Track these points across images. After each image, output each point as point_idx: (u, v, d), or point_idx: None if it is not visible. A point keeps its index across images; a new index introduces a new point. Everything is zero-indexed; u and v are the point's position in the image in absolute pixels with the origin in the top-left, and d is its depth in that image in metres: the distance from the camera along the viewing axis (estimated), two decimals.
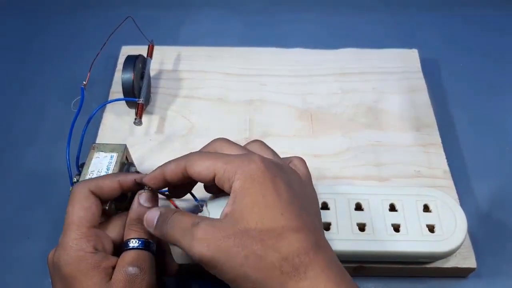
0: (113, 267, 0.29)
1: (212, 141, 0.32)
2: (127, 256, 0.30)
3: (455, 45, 0.58)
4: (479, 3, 0.62)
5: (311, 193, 0.32)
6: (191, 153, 0.31)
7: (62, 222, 0.40)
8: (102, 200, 0.32)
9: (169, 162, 0.31)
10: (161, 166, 0.31)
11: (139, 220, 0.31)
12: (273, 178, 0.28)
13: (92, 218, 0.30)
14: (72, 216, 0.30)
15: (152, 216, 0.30)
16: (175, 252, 0.33)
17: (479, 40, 0.58)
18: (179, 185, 0.32)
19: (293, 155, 0.34)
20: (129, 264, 0.29)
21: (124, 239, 0.31)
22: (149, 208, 0.31)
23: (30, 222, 0.42)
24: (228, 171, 0.28)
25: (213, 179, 0.29)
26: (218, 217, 0.28)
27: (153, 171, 0.31)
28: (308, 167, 0.32)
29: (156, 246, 0.32)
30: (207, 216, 0.31)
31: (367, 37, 0.58)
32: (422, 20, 0.61)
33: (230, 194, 0.28)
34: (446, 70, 0.55)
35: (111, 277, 0.29)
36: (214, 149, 0.32)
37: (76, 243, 0.29)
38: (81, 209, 0.30)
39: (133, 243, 0.30)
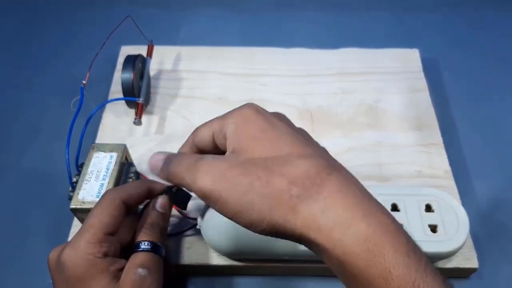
0: (120, 269, 0.29)
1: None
2: (137, 257, 0.30)
3: (456, 45, 0.57)
4: (480, 3, 0.62)
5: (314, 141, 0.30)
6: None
7: (62, 222, 0.40)
8: (128, 207, 0.32)
9: (181, 146, 0.31)
10: (179, 151, 0.31)
11: (152, 224, 0.32)
12: (269, 118, 0.27)
13: (113, 227, 0.30)
14: (95, 218, 0.30)
15: (157, 158, 0.30)
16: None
17: (480, 40, 0.58)
18: None
19: None
20: (139, 266, 0.29)
21: (136, 240, 0.31)
22: (163, 213, 0.32)
23: (30, 222, 0.42)
24: (222, 124, 0.28)
25: (214, 141, 0.29)
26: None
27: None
28: None
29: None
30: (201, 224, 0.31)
31: (368, 37, 0.58)
32: (423, 20, 0.61)
33: (227, 142, 0.27)
34: (447, 70, 0.55)
35: (119, 279, 0.29)
36: None
37: (89, 246, 0.29)
38: (107, 215, 0.30)
39: (144, 245, 0.31)
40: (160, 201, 0.33)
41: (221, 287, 0.39)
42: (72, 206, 0.35)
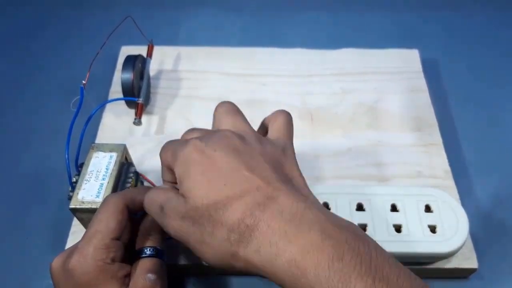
0: (126, 275, 0.29)
1: (183, 134, 0.33)
2: (145, 263, 0.30)
3: (456, 45, 0.57)
4: (480, 3, 0.62)
5: (276, 150, 0.30)
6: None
7: (61, 222, 0.40)
8: (131, 212, 0.32)
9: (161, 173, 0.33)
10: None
11: (154, 229, 0.32)
12: (210, 154, 0.27)
13: (119, 232, 0.30)
14: (100, 224, 0.30)
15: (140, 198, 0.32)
16: None
17: (480, 39, 0.58)
18: None
19: (276, 110, 0.34)
20: (148, 271, 0.30)
21: (138, 246, 0.31)
22: None
23: (29, 222, 0.42)
24: (172, 160, 0.29)
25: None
26: None
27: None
28: (309, 167, 0.32)
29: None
30: None
31: (368, 37, 0.58)
32: (423, 20, 0.61)
33: (177, 181, 0.29)
34: (447, 70, 0.55)
35: (127, 285, 0.29)
36: (183, 137, 0.33)
37: (97, 252, 0.29)
38: (113, 220, 0.30)
39: (149, 251, 0.31)
40: None
41: (220, 287, 0.39)
42: (72, 206, 0.35)
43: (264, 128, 0.34)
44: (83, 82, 0.37)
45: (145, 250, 0.31)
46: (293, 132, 0.33)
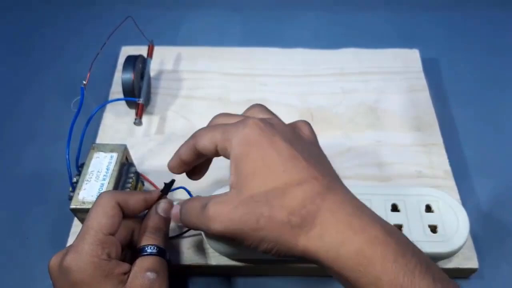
0: (125, 273, 0.29)
1: (213, 117, 0.33)
2: (144, 261, 0.30)
3: (456, 44, 0.57)
4: (480, 3, 0.62)
5: (317, 150, 0.32)
6: (198, 130, 0.32)
7: (62, 223, 0.40)
8: (124, 214, 0.32)
9: (182, 145, 0.32)
10: (176, 152, 0.33)
11: (156, 228, 0.32)
12: (270, 138, 0.28)
13: (112, 227, 0.30)
14: (92, 220, 0.30)
15: (176, 211, 0.32)
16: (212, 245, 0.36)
17: (480, 39, 0.58)
18: (198, 165, 0.34)
19: (298, 120, 0.34)
20: (148, 270, 0.29)
21: (140, 245, 0.31)
22: (165, 218, 0.33)
23: (30, 222, 0.42)
24: (225, 139, 0.29)
25: (217, 151, 0.30)
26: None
27: (171, 159, 0.33)
28: None
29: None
30: None
31: (368, 37, 0.58)
32: (423, 20, 0.61)
33: (231, 162, 0.29)
34: (447, 70, 0.55)
35: (125, 283, 0.29)
36: (217, 122, 0.32)
37: (92, 248, 0.29)
38: (104, 216, 0.30)
39: (150, 249, 0.31)
40: (163, 206, 0.33)
41: (221, 287, 0.39)
42: (72, 206, 0.35)
43: None
44: (84, 82, 0.37)
45: (146, 248, 0.31)
46: None
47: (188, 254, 0.37)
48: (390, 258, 0.24)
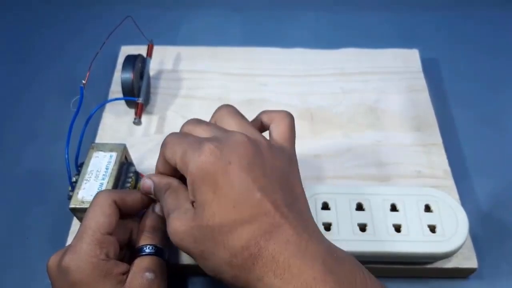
0: (123, 273, 0.29)
1: (184, 123, 0.33)
2: (143, 261, 0.30)
3: (456, 44, 0.57)
4: (480, 3, 0.62)
5: (284, 161, 0.30)
6: (168, 135, 0.31)
7: (61, 222, 0.40)
8: (121, 213, 0.32)
9: (158, 158, 0.32)
10: (155, 166, 0.33)
11: (154, 227, 0.32)
12: (224, 167, 0.26)
13: (109, 226, 0.30)
14: (91, 220, 0.30)
15: (148, 185, 0.32)
16: None
17: (480, 39, 0.58)
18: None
19: (280, 110, 0.33)
20: (146, 270, 0.29)
21: (138, 244, 0.31)
22: (163, 217, 0.32)
23: (29, 222, 0.42)
24: (183, 161, 0.28)
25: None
26: None
27: (154, 174, 0.33)
28: (309, 167, 0.31)
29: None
30: None
31: (368, 37, 0.58)
32: (423, 20, 0.61)
33: (188, 184, 0.28)
34: (447, 69, 0.55)
35: (123, 283, 0.29)
36: (185, 130, 0.32)
37: (90, 248, 0.29)
38: (101, 215, 0.30)
39: (149, 249, 0.31)
40: (159, 207, 0.33)
41: (221, 287, 0.38)
42: (72, 206, 0.35)
43: (261, 125, 0.33)
44: (83, 81, 0.37)
45: (145, 248, 0.31)
46: None
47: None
48: None
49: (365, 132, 0.47)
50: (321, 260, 0.25)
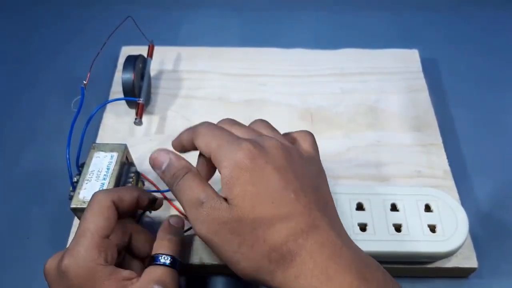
0: (124, 279, 0.29)
1: (220, 121, 0.33)
2: (155, 272, 0.30)
3: (456, 44, 0.58)
4: (480, 3, 0.62)
5: (314, 170, 0.31)
6: (202, 123, 0.31)
7: (61, 222, 0.40)
8: (119, 211, 0.31)
9: (186, 130, 0.32)
10: (180, 134, 0.32)
11: (171, 238, 0.32)
12: (261, 166, 0.27)
13: (108, 229, 0.30)
14: (89, 223, 0.29)
15: (162, 159, 0.31)
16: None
17: (479, 39, 0.58)
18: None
19: (300, 130, 0.33)
20: (156, 282, 0.29)
21: (155, 252, 0.31)
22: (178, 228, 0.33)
23: (30, 222, 0.42)
24: (218, 154, 0.28)
25: (209, 157, 0.30)
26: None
27: (175, 139, 0.33)
28: None
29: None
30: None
31: (368, 37, 0.58)
32: (423, 20, 0.61)
33: (221, 179, 0.28)
34: (446, 70, 0.55)
35: None
36: (222, 126, 0.32)
37: (89, 253, 0.28)
38: (100, 218, 0.30)
39: (164, 259, 0.30)
40: (175, 220, 0.34)
41: (221, 287, 0.39)
42: (73, 206, 0.35)
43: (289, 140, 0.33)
44: (84, 82, 0.37)
45: (159, 258, 0.30)
46: None
47: (188, 254, 0.37)
48: None
49: (365, 132, 0.47)
50: (355, 267, 0.26)
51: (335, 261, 0.26)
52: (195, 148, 0.32)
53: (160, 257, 0.30)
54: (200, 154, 0.32)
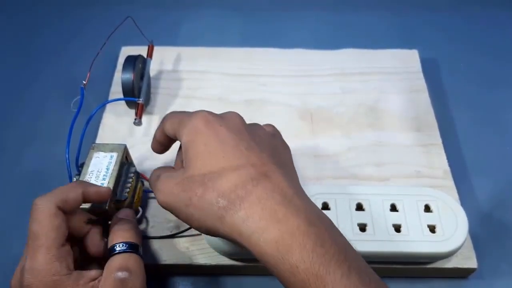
0: (93, 280, 0.29)
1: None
2: (114, 261, 0.29)
3: (456, 45, 0.58)
4: (480, 3, 0.62)
5: (276, 142, 0.33)
6: (168, 113, 0.34)
7: None
8: (66, 213, 0.30)
9: (157, 128, 0.34)
10: (154, 134, 0.35)
11: (124, 227, 0.32)
12: (216, 128, 0.29)
13: (62, 237, 0.29)
14: (40, 237, 0.28)
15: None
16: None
17: (479, 39, 0.58)
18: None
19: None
20: (118, 269, 0.29)
21: (109, 245, 0.31)
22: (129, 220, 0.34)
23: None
24: (180, 128, 0.31)
25: (175, 136, 0.32)
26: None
27: (152, 141, 0.35)
28: (309, 167, 0.32)
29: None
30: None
31: (368, 38, 0.58)
32: (423, 20, 0.61)
33: (182, 148, 0.30)
34: (446, 70, 0.55)
35: None
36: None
37: (50, 267, 0.28)
38: (50, 229, 0.28)
39: (120, 247, 0.30)
40: (123, 212, 0.35)
41: (220, 287, 0.39)
42: None
43: None
44: (84, 82, 0.37)
45: (115, 247, 0.30)
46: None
47: (187, 254, 0.37)
48: (308, 248, 0.25)
49: (365, 132, 0.47)
50: (304, 214, 0.27)
51: (285, 206, 0.27)
52: (170, 141, 0.34)
53: (115, 246, 0.30)
54: (179, 149, 0.33)
